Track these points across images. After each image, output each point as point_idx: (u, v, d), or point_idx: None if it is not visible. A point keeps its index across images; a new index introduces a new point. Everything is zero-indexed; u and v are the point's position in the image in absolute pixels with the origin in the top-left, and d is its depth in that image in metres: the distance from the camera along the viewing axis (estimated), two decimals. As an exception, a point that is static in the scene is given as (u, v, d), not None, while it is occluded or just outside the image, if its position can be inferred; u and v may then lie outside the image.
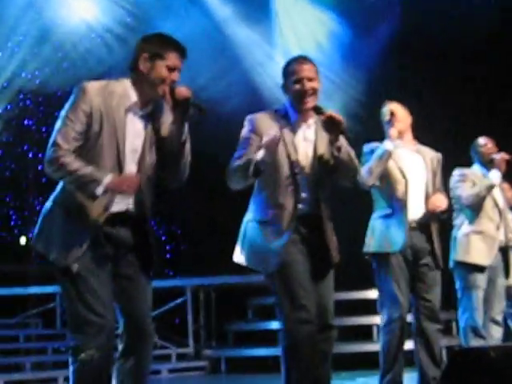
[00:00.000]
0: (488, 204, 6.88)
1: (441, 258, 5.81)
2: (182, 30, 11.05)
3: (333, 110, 4.65)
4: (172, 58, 4.06)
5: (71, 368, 3.93)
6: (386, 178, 5.68)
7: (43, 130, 12.85)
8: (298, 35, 12.83)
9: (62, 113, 3.97)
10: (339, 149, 4.63)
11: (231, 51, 12.52)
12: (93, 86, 3.99)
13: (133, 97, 4.07)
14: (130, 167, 4.07)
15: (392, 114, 5.79)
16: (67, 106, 3.97)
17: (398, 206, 5.72)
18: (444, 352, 8.45)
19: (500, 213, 6.97)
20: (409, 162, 5.80)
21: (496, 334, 6.96)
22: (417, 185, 5.79)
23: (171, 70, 4.05)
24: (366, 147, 5.83)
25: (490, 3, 11.54)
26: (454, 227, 7.00)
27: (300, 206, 4.64)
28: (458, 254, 6.77)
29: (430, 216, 5.79)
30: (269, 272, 4.63)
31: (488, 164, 6.93)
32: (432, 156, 5.95)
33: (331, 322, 4.54)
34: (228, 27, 12.66)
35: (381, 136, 5.91)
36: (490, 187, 6.79)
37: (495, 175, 6.79)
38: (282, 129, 4.66)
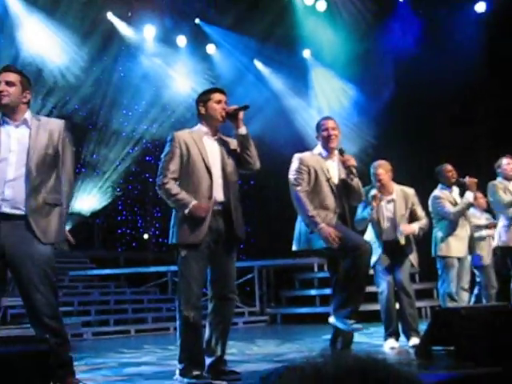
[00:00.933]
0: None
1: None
2: (250, 95, 12.15)
3: (350, 155, 5.24)
4: (216, 96, 4.44)
5: (178, 322, 4.26)
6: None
7: (158, 163, 12.73)
8: (328, 98, 13.24)
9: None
10: (352, 179, 5.07)
11: (280, 107, 13.04)
12: (180, 133, 4.39)
13: (204, 130, 4.42)
14: (215, 171, 4.34)
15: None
16: (166, 147, 4.37)
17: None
18: (428, 310, 9.35)
19: (465, 220, 6.91)
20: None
21: (465, 298, 7.02)
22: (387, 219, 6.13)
23: (218, 102, 4.42)
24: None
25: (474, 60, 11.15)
26: (435, 230, 6.87)
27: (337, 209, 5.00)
28: (441, 250, 6.75)
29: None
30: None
31: (452, 185, 6.89)
32: (405, 195, 6.18)
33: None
34: (280, 94, 13.38)
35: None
36: (469, 205, 6.78)
37: (470, 195, 6.68)
38: (319, 161, 5.07)
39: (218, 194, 4.31)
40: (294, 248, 5.13)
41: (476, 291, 7.76)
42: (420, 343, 5.29)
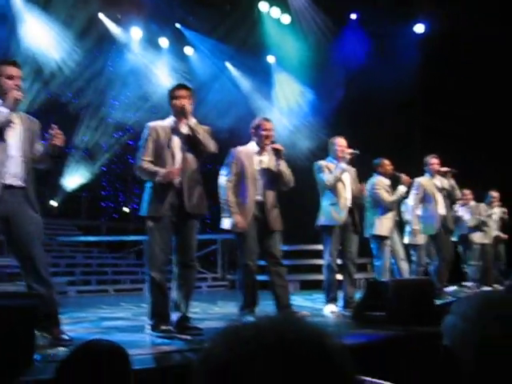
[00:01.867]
0: None
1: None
2: (222, 93, 12.40)
3: (278, 144, 5.17)
4: (178, 92, 4.38)
5: (147, 283, 4.36)
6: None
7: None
8: (287, 100, 13.25)
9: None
10: (279, 163, 5.10)
11: (247, 106, 12.82)
12: (153, 124, 4.41)
13: (174, 120, 4.39)
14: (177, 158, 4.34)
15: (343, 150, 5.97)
16: (142, 136, 4.40)
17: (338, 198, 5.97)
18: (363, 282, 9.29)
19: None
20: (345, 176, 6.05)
21: (405, 267, 7.16)
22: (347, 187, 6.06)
23: (178, 98, 4.34)
24: (315, 164, 6.13)
25: (411, 73, 11.25)
26: (368, 215, 6.87)
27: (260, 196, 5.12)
28: (376, 230, 6.76)
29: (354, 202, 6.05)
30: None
31: (388, 176, 6.94)
32: (352, 171, 6.19)
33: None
34: (248, 94, 13.31)
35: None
36: (402, 197, 6.99)
37: (404, 189, 6.82)
38: (250, 154, 5.12)
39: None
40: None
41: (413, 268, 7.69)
42: (356, 309, 5.31)
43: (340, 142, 6.12)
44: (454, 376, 1.02)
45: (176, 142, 4.37)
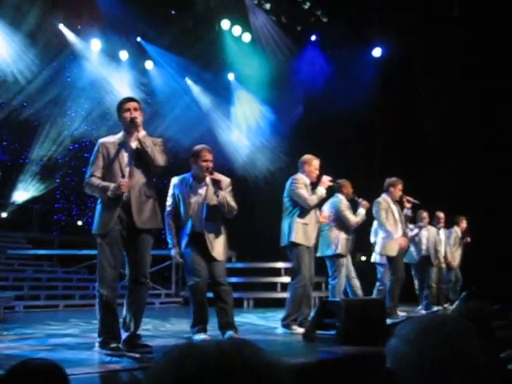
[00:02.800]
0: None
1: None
2: (180, 109, 12.43)
3: (217, 174, 5.09)
4: (125, 105, 4.31)
5: (96, 299, 4.21)
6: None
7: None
8: (246, 116, 13.41)
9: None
10: (218, 194, 5.00)
11: (206, 123, 13.00)
12: (104, 139, 4.36)
13: (122, 135, 4.35)
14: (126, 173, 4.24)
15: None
16: (93, 151, 4.36)
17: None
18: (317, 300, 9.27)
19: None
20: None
21: (357, 284, 7.17)
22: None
23: (127, 111, 4.28)
24: (292, 179, 5.93)
25: (369, 95, 11.34)
26: (325, 234, 6.73)
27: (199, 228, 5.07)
28: (329, 249, 6.75)
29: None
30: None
31: (349, 198, 7.01)
32: None
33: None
34: (208, 111, 13.44)
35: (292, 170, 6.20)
36: (363, 219, 6.93)
37: (363, 212, 6.90)
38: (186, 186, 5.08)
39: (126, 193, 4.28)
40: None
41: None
42: (307, 328, 5.25)
43: (316, 165, 6.06)
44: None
45: (124, 156, 4.31)
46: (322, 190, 5.95)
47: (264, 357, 0.77)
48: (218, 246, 5.08)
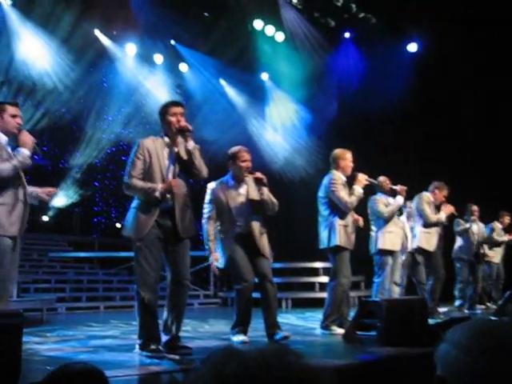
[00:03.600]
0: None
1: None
2: (215, 110, 12.36)
3: (258, 173, 5.06)
4: (172, 110, 4.29)
5: (136, 302, 4.22)
6: None
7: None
8: (281, 116, 13.26)
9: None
10: (263, 192, 5.02)
11: (241, 124, 12.97)
12: (145, 140, 4.28)
13: (166, 139, 4.28)
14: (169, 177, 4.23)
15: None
16: (132, 152, 4.27)
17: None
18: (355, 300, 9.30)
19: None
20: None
21: (397, 291, 6.92)
22: None
23: (173, 115, 4.25)
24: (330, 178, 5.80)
25: (405, 91, 11.17)
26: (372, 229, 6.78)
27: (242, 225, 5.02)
28: (379, 244, 6.69)
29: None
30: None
31: (388, 192, 6.91)
32: None
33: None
34: (242, 112, 13.38)
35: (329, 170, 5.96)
36: (399, 206, 6.85)
37: (400, 199, 6.79)
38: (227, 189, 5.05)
39: (168, 197, 4.24)
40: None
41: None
42: (347, 329, 5.16)
43: (349, 158, 5.95)
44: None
45: (166, 160, 4.26)
46: (359, 190, 5.82)
47: (306, 363, 0.75)
48: (265, 244, 5.06)
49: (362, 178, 5.86)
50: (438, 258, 7.45)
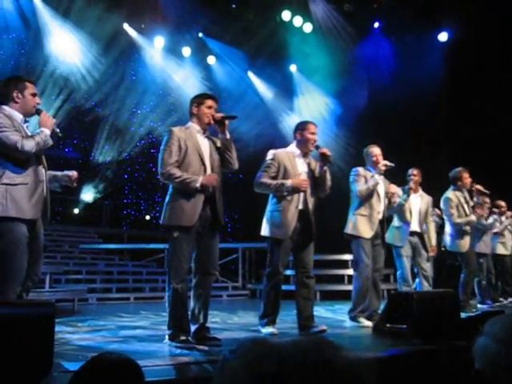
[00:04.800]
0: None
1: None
2: (243, 102, 12.31)
3: (325, 148, 4.99)
4: (208, 102, 4.34)
5: (167, 293, 4.18)
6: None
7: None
8: (310, 108, 13.04)
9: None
10: (327, 168, 4.97)
11: (270, 116, 13.09)
12: (176, 128, 4.28)
13: (197, 128, 4.29)
14: (207, 164, 4.26)
15: (377, 157, 5.83)
16: (164, 141, 4.24)
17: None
18: (385, 293, 9.20)
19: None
20: (380, 188, 5.87)
21: (426, 284, 6.72)
22: (381, 200, 5.86)
23: (209, 108, 4.32)
24: (353, 170, 5.90)
25: (437, 81, 11.24)
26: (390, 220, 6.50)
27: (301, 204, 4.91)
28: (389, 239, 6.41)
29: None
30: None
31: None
32: (386, 183, 5.99)
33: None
34: (271, 104, 13.43)
35: (359, 163, 6.02)
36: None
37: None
38: (290, 158, 4.92)
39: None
40: (261, 233, 5.01)
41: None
42: (377, 322, 5.15)
43: (375, 152, 5.95)
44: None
45: (206, 151, 4.28)
46: (373, 180, 5.74)
47: (345, 354, 0.73)
48: (314, 226, 4.98)
49: (380, 164, 5.79)
50: (469, 253, 7.33)
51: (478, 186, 7.57)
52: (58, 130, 3.97)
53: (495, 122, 10.74)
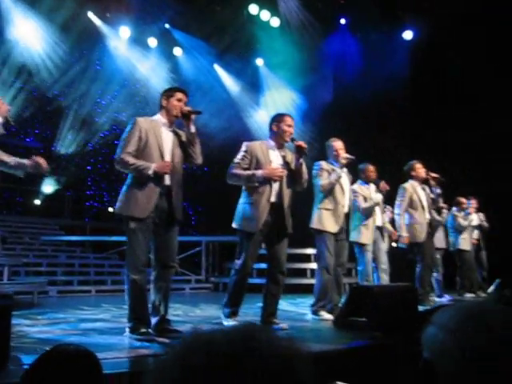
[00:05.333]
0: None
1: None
2: (209, 95, 12.18)
3: (301, 141, 4.98)
4: (178, 95, 4.32)
5: (126, 285, 4.16)
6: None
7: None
8: (276, 102, 13.02)
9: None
10: (303, 161, 4.93)
11: (236, 109, 13.11)
12: (141, 119, 4.25)
13: (163, 120, 4.28)
14: (167, 158, 4.24)
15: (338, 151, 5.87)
16: (127, 129, 4.19)
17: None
18: (347, 287, 9.27)
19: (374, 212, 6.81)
20: (344, 181, 5.94)
21: (385, 277, 7.00)
22: (346, 193, 5.95)
23: (179, 101, 4.30)
24: (315, 164, 5.91)
25: (401, 78, 11.30)
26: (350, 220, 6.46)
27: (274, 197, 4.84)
28: (352, 235, 6.54)
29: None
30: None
31: (371, 182, 6.92)
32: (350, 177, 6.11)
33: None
34: (236, 98, 13.39)
35: (321, 157, 6.05)
36: (376, 204, 6.75)
37: (379, 197, 6.81)
38: (264, 150, 4.86)
39: (166, 178, 4.22)
40: (232, 225, 4.99)
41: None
42: (338, 315, 5.21)
43: (336, 145, 5.97)
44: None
45: (167, 145, 4.25)
46: (335, 174, 5.80)
47: (279, 345, 0.72)
48: (289, 220, 4.94)
49: (342, 157, 5.86)
50: (425, 246, 7.39)
51: (433, 174, 7.65)
52: (11, 119, 3.89)
53: (457, 123, 10.92)
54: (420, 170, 7.46)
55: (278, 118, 5.01)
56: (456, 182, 9.03)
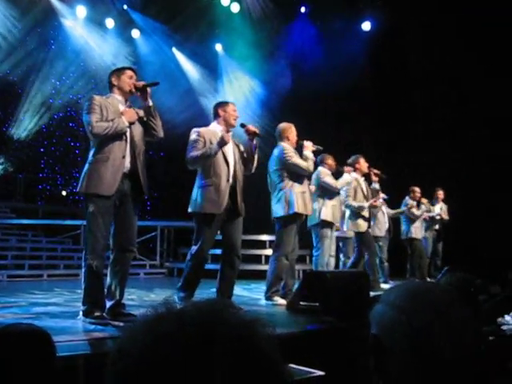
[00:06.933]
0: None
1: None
2: (167, 79, 11.70)
3: (250, 125, 5.18)
4: (128, 73, 4.35)
5: (83, 269, 4.13)
6: None
7: (80, 129, 12.26)
8: (233, 88, 13.11)
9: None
10: (256, 144, 5.06)
11: (193, 94, 13.00)
12: (97, 96, 4.25)
13: (118, 97, 4.29)
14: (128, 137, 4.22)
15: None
16: (86, 106, 4.14)
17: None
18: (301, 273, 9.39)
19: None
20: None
21: (332, 263, 7.25)
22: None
23: (130, 78, 4.33)
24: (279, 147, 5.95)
25: (359, 68, 11.31)
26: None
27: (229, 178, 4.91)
28: (322, 215, 6.82)
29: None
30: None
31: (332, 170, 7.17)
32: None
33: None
34: (195, 83, 13.33)
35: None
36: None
37: (348, 177, 7.31)
38: (215, 134, 4.91)
39: (127, 159, 4.19)
40: (189, 210, 4.98)
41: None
42: (291, 300, 5.27)
43: (294, 131, 6.05)
44: (382, 364, 1.02)
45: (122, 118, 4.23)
46: (310, 154, 5.90)
47: (245, 316, 0.74)
48: (242, 202, 4.99)
49: (309, 145, 5.96)
50: (368, 235, 7.72)
51: (375, 170, 8.00)
52: None
53: (420, 115, 11.13)
54: (363, 164, 7.75)
55: (223, 104, 5.13)
56: (420, 174, 9.36)
